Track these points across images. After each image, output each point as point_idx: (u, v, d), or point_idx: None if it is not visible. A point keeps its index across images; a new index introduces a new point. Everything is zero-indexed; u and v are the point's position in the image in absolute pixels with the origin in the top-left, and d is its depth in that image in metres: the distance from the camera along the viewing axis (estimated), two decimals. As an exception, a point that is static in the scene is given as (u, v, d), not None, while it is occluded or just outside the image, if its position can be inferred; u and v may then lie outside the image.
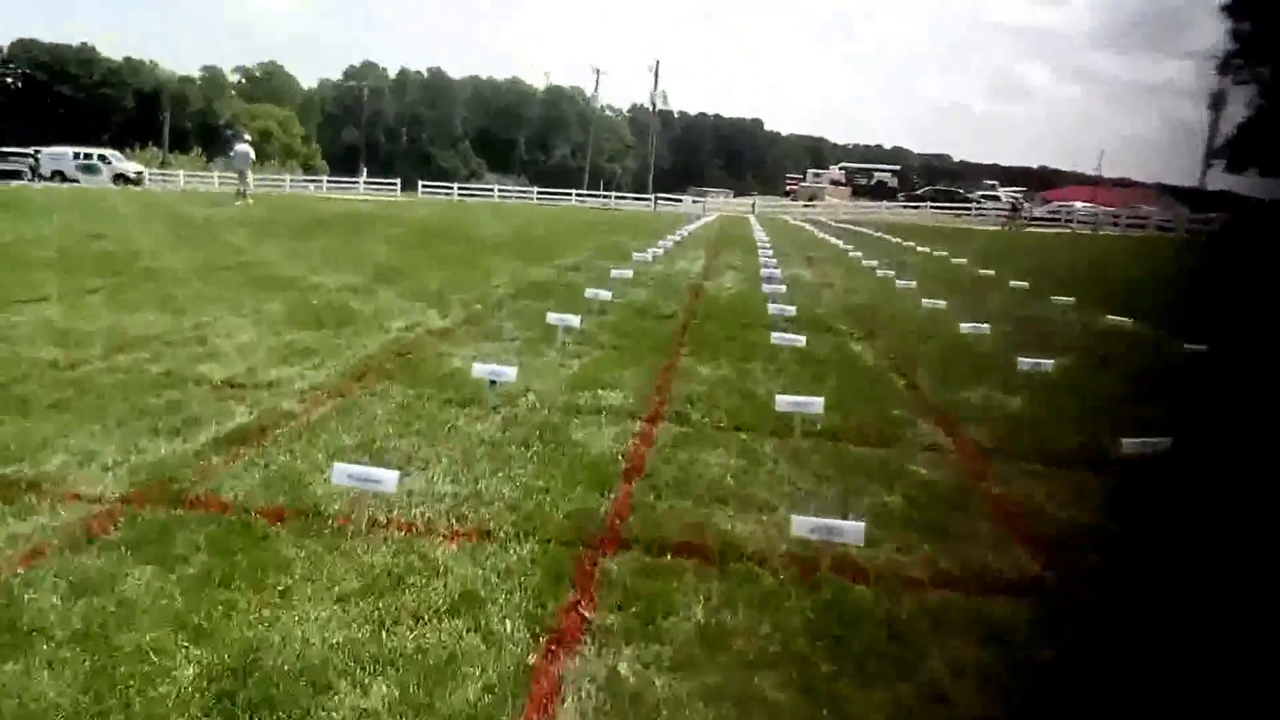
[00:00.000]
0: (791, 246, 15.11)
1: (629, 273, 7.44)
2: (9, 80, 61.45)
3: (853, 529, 2.42)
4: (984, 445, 3.69)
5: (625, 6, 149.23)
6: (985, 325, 6.11)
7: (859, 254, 12.82)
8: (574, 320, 4.79)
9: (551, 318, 4.83)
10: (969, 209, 43.37)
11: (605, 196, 43.88)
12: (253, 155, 19.20)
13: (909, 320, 6.85)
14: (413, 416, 3.48)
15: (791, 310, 6.05)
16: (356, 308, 5.54)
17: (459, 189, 40.70)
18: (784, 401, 3.62)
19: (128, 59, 67.65)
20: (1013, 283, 9.74)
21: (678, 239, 14.45)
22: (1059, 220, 39.32)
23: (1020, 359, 4.95)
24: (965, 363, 5.27)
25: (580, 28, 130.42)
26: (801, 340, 4.89)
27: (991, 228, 33.81)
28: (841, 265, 11.40)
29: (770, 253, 11.80)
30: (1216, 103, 36.74)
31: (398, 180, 39.04)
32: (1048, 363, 4.99)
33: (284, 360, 4.21)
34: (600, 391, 3.94)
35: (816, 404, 3.62)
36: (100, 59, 65.80)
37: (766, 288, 7.49)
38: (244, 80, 73.56)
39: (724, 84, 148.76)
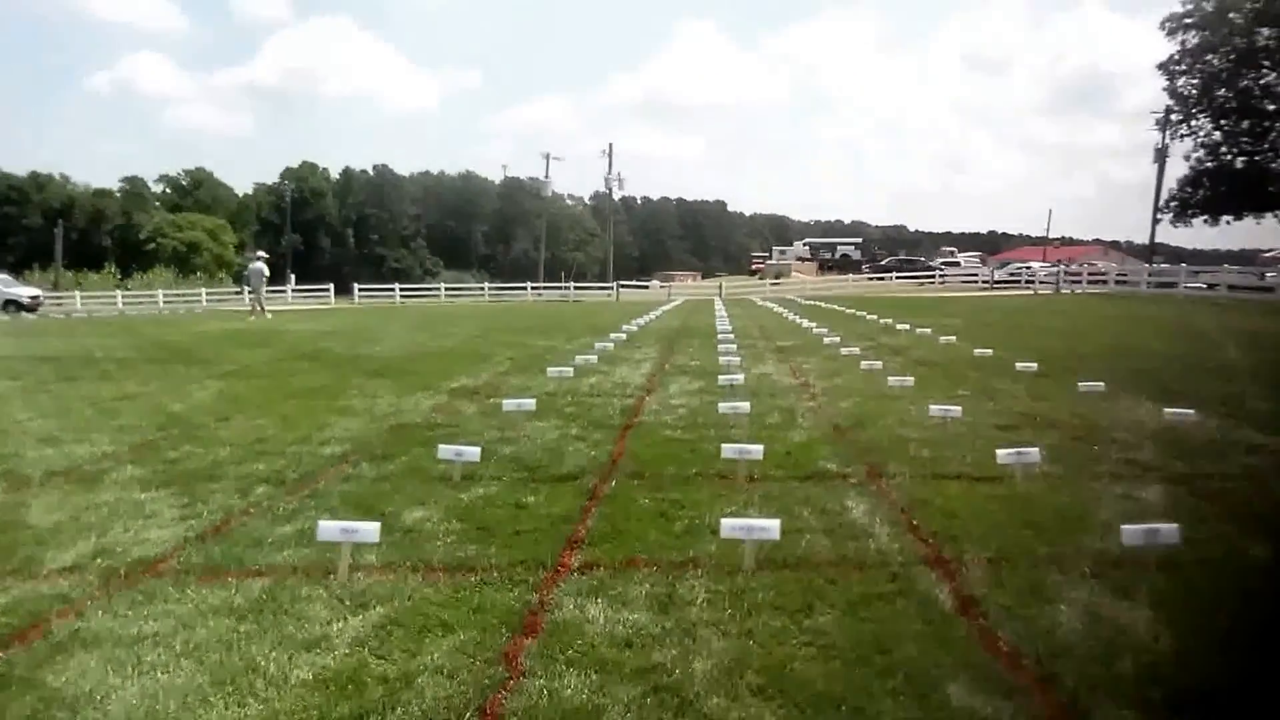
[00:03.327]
0: (758, 334, 13.39)
1: (530, 402, 5.42)
2: None
3: None
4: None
5: (583, 96, 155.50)
6: (1032, 450, 4.21)
7: (835, 339, 11.09)
8: (369, 531, 2.71)
9: (326, 530, 2.73)
10: (932, 277, 43.53)
11: (564, 288, 42.50)
12: (266, 271, 20.91)
13: (919, 441, 4.92)
14: None
15: (757, 452, 4.07)
16: (32, 521, 3.34)
17: (400, 290, 38.77)
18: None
19: (34, 174, 65.01)
20: (1019, 365, 8.01)
21: (627, 333, 12.65)
22: (1019, 281, 39.13)
23: (1124, 527, 3.03)
24: (1030, 530, 3.30)
25: (536, 120, 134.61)
26: (774, 530, 2.87)
27: (955, 294, 33.11)
28: (817, 356, 9.59)
29: (733, 348, 9.97)
30: (1160, 158, 37.90)
31: (330, 285, 37.09)
32: (1168, 528, 3.05)
33: None
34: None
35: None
36: (1, 175, 62.98)
37: (725, 407, 5.54)
38: (169, 190, 71.55)
39: (685, 169, 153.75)
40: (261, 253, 23.65)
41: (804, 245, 64.18)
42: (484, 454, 4.45)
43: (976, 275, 44.44)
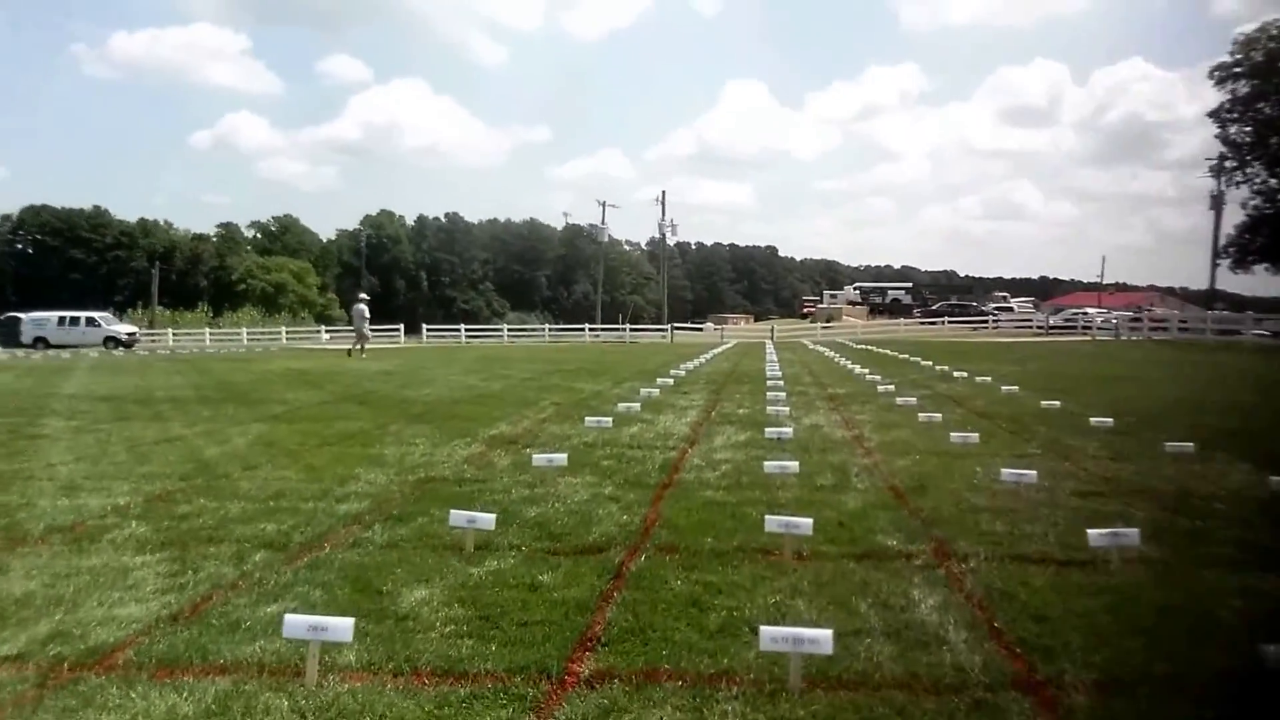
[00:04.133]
0: (809, 379, 12.81)
1: (562, 457, 5.05)
2: (19, 246, 63.89)
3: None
4: None
5: (641, 148, 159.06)
6: (1130, 530, 3.60)
7: (889, 386, 10.45)
8: (341, 629, 2.32)
9: (293, 626, 2.33)
10: (985, 322, 42.46)
11: (620, 329, 42.74)
12: (367, 313, 22.18)
13: (992, 511, 4.33)
14: None
15: (805, 526, 3.57)
16: (4, 589, 3.02)
17: (466, 331, 39.86)
18: None
19: (141, 220, 70.36)
20: (1093, 419, 7.29)
21: (675, 378, 12.27)
22: (1076, 327, 37.48)
23: (1265, 648, 2.44)
24: (1141, 639, 2.70)
25: (597, 170, 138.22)
26: (825, 642, 2.37)
27: (1009, 339, 31.89)
28: (871, 405, 8.98)
29: (783, 395, 9.45)
30: (1216, 205, 36.87)
31: (400, 326, 38.29)
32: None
33: None
34: None
35: None
36: (113, 222, 68.63)
37: (771, 466, 5.06)
38: (259, 235, 76.15)
39: (737, 215, 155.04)
40: (364, 295, 24.80)
41: (854, 289, 63.44)
42: (506, 516, 4.10)
43: (1031, 320, 43.05)
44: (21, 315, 31.39)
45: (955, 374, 12.78)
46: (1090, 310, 43.99)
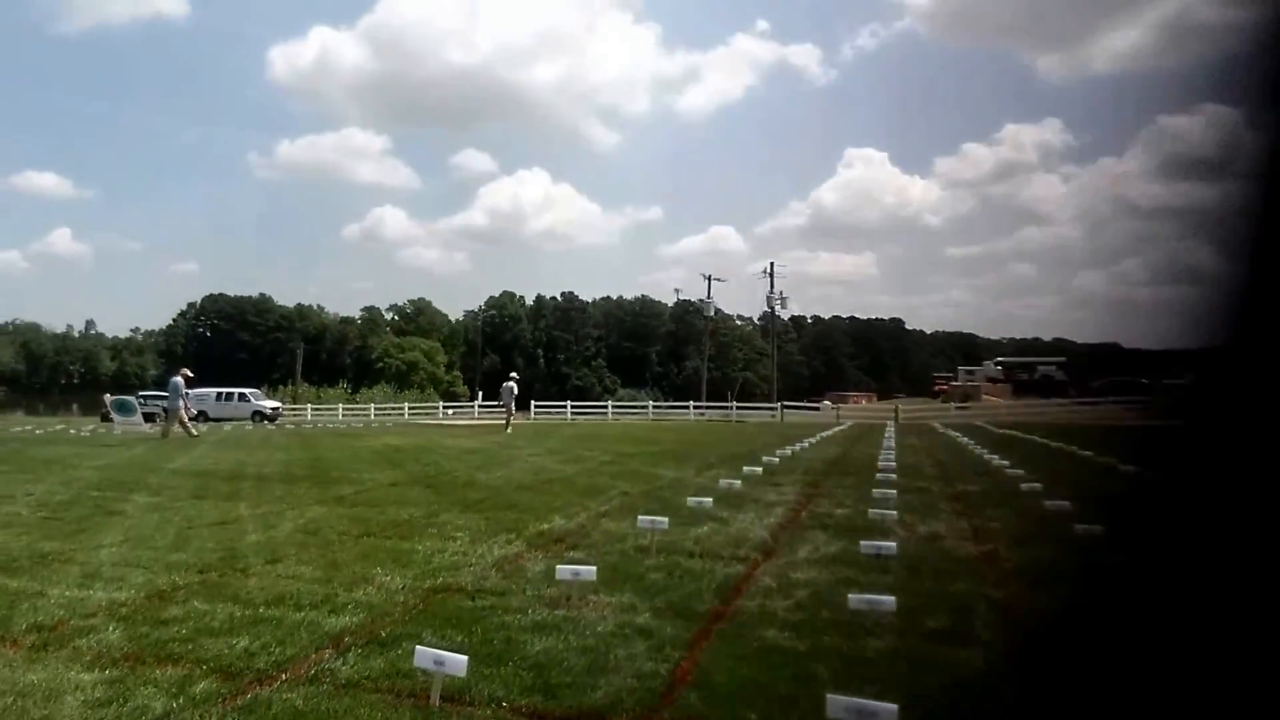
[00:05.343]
0: (932, 471, 11.23)
1: (591, 570, 4.23)
2: (200, 330, 74.13)
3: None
4: None
5: (752, 222, 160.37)
6: None
7: (1035, 484, 8.74)
8: None
9: None
10: None
11: (727, 407, 41.63)
12: (516, 391, 23.54)
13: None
14: None
15: (886, 715, 2.54)
16: None
17: (571, 407, 40.58)
18: None
19: (299, 305, 79.28)
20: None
21: (770, 464, 11.17)
22: None
23: None
24: None
25: (708, 246, 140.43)
26: None
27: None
28: (1009, 510, 7.45)
29: (894, 493, 8.13)
30: None
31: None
32: None
33: None
34: None
35: None
36: (275, 307, 77.77)
37: (857, 601, 3.97)
38: (396, 317, 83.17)
39: (857, 287, 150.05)
40: (514, 374, 25.97)
41: (995, 365, 58.40)
42: (506, 649, 3.37)
43: None
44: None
45: (1121, 467, 10.72)
46: None
